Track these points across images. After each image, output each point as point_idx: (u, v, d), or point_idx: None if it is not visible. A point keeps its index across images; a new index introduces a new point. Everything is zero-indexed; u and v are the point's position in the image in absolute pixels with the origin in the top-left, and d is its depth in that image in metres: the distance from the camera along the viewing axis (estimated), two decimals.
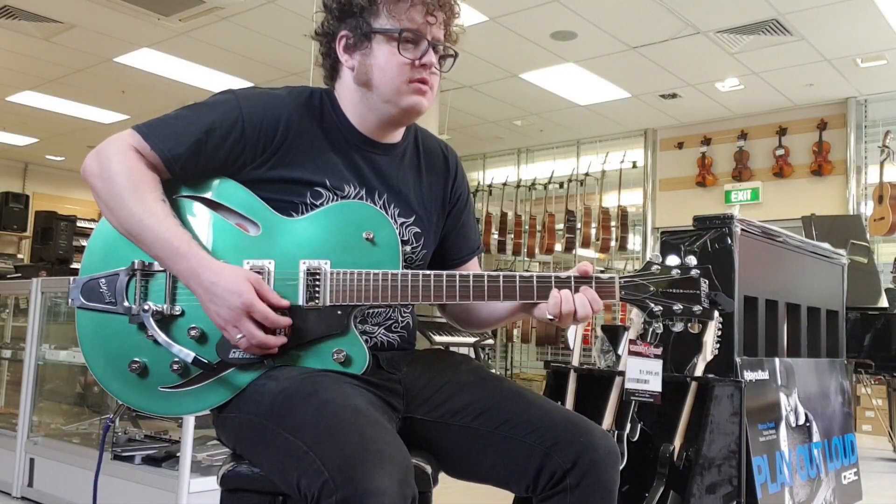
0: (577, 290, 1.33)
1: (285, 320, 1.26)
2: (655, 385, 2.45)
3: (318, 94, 1.43)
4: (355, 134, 1.42)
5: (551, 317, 1.32)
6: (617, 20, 6.01)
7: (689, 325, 1.40)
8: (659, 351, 2.47)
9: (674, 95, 7.76)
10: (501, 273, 1.34)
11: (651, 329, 2.57)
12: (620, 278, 1.35)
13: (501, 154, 10.31)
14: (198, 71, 7.38)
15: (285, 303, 1.26)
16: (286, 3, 5.82)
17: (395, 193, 1.45)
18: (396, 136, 1.48)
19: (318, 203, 1.36)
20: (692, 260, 1.35)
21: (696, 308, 1.33)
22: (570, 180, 9.04)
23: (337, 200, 1.37)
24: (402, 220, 1.45)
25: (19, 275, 5.74)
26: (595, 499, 1.27)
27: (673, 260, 1.35)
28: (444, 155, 1.58)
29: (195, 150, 1.30)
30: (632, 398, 2.48)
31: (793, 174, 7.95)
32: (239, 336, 1.23)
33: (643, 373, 2.47)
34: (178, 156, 1.29)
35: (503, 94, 7.91)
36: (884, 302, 4.68)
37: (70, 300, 1.29)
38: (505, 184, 9.63)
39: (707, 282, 1.33)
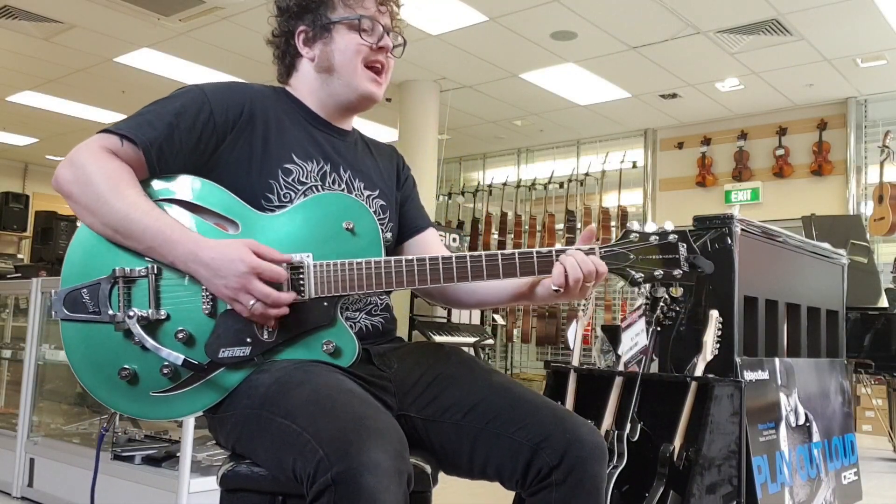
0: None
1: (286, 273, 1.27)
2: (643, 341, 2.53)
3: (277, 88, 1.52)
4: (314, 117, 1.50)
5: (556, 287, 1.33)
6: (617, 20, 6.01)
7: (671, 288, 1.42)
8: (640, 311, 2.55)
9: (674, 95, 7.76)
10: (484, 253, 1.34)
11: (645, 305, 2.61)
12: (601, 248, 1.36)
13: (501, 154, 10.31)
14: (198, 71, 7.38)
15: (285, 257, 1.27)
16: None
17: (357, 170, 1.51)
18: (349, 125, 1.57)
19: (289, 179, 1.39)
20: (669, 225, 1.37)
21: (676, 272, 1.35)
22: (570, 180, 9.04)
23: (306, 173, 1.41)
24: (368, 192, 1.51)
25: (19, 275, 5.74)
26: (581, 494, 1.28)
27: (651, 227, 1.37)
28: (388, 147, 1.69)
29: (168, 133, 1.31)
30: (629, 365, 2.55)
31: (793, 174, 7.95)
32: (252, 302, 1.23)
33: (633, 339, 2.55)
34: (153, 140, 1.30)
35: (503, 94, 7.91)
36: (884, 302, 4.68)
37: (53, 313, 1.28)
38: (505, 184, 9.63)
39: (685, 245, 1.35)
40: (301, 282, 1.29)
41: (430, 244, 1.62)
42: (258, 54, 6.90)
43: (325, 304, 1.30)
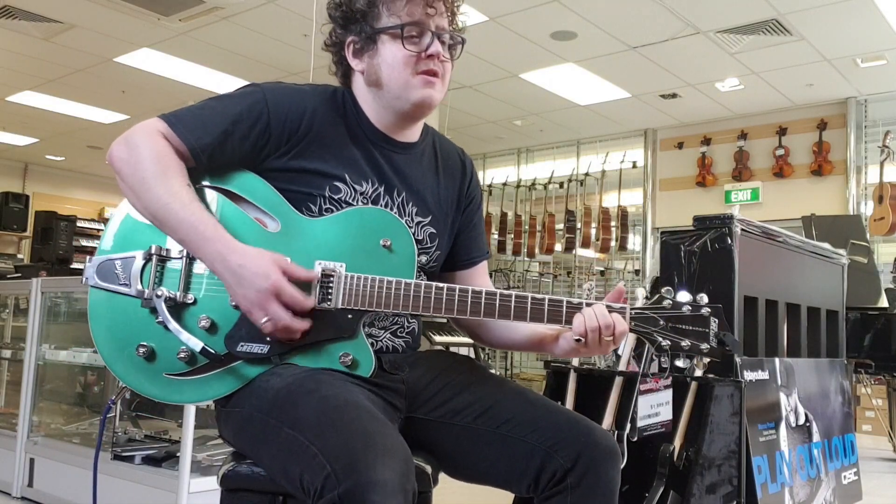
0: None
1: (311, 302, 1.26)
2: (666, 414, 2.46)
3: (341, 92, 1.46)
4: (374, 131, 1.44)
5: (578, 337, 1.32)
6: (617, 20, 6.01)
7: (695, 361, 1.42)
8: (668, 381, 2.47)
9: (674, 95, 7.76)
10: (514, 293, 1.33)
11: (648, 356, 2.57)
12: (632, 309, 1.35)
13: (501, 154, 10.31)
14: (198, 71, 7.38)
15: (313, 274, 1.27)
16: (286, 3, 5.82)
17: (413, 192, 1.46)
18: (414, 134, 1.49)
19: (336, 197, 1.36)
20: (703, 298, 1.36)
21: (704, 346, 1.33)
22: (570, 180, 9.04)
23: (355, 196, 1.38)
24: (419, 219, 1.46)
25: (19, 275, 5.75)
26: (596, 498, 1.28)
27: (684, 296, 1.36)
28: (461, 159, 1.60)
29: (221, 140, 1.31)
30: (644, 434, 2.47)
31: (793, 174, 7.95)
32: (265, 319, 1.23)
33: (654, 407, 2.47)
34: (206, 145, 1.30)
35: (503, 94, 7.91)
36: (884, 302, 4.68)
37: (84, 278, 1.29)
38: (505, 184, 9.63)
39: (717, 321, 1.34)
40: (330, 290, 1.29)
41: (476, 280, 1.58)
42: (258, 54, 6.91)
43: (350, 316, 1.30)
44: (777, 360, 2.92)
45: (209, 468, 2.61)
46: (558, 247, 8.75)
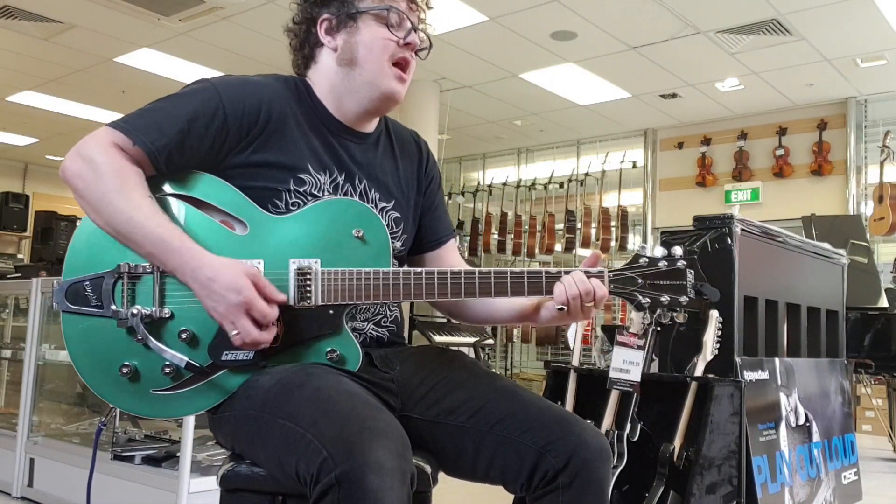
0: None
1: (276, 312, 1.24)
2: (635, 375, 2.49)
3: (293, 80, 1.45)
4: (332, 120, 1.43)
5: (560, 306, 1.32)
6: (617, 20, 6.01)
7: (675, 314, 1.42)
8: (641, 342, 2.51)
9: (674, 95, 7.76)
10: (493, 270, 1.33)
11: (650, 330, 2.58)
12: (610, 272, 1.36)
13: (501, 154, 10.31)
14: (198, 71, 7.37)
15: (283, 297, 1.25)
16: (286, 3, 5.72)
17: (374, 179, 1.46)
18: (371, 125, 1.49)
19: (301, 190, 1.35)
20: (678, 251, 1.37)
21: (683, 298, 1.35)
22: (570, 180, 9.04)
23: (319, 185, 1.37)
24: (383, 204, 1.47)
25: (19, 275, 5.74)
26: (587, 497, 1.28)
27: (660, 251, 1.37)
28: (416, 141, 1.61)
29: (179, 140, 1.28)
30: (614, 387, 2.51)
31: (793, 174, 7.94)
32: (234, 332, 1.21)
33: (626, 363, 2.51)
34: (163, 147, 1.26)
35: (503, 94, 7.90)
36: (884, 302, 4.68)
37: (55, 304, 1.26)
38: (505, 184, 9.63)
39: (693, 272, 1.36)
40: (308, 288, 1.27)
41: (447, 258, 1.59)
42: (258, 54, 6.91)
43: (332, 311, 1.28)
44: (777, 360, 2.92)
45: (209, 468, 2.61)
46: (558, 247, 8.75)
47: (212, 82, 1.35)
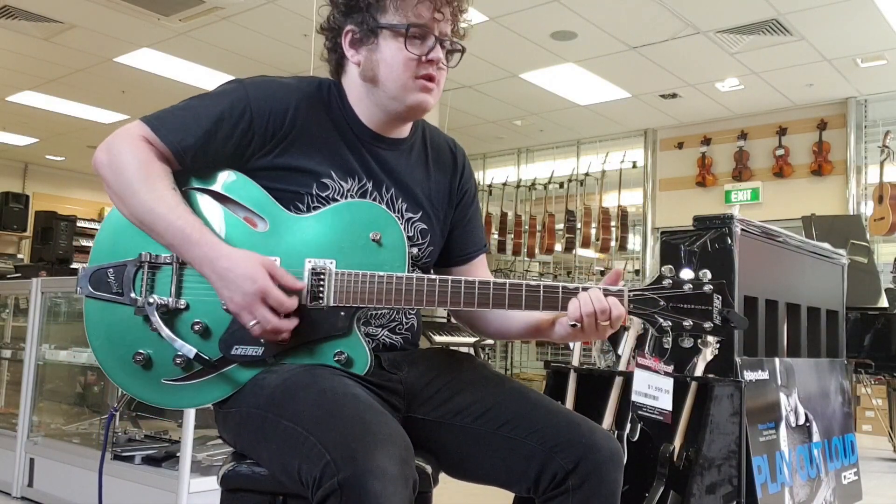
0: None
1: (294, 302, 1.25)
2: (665, 403, 2.37)
3: (327, 85, 1.43)
4: (362, 128, 1.41)
5: (573, 322, 1.29)
6: (617, 20, 6.01)
7: (700, 341, 1.36)
8: (670, 368, 2.40)
9: (674, 95, 7.76)
10: (508, 282, 1.30)
11: (650, 334, 2.56)
12: (630, 291, 1.30)
13: (501, 154, 10.31)
14: (198, 71, 7.38)
15: (301, 284, 1.26)
16: (286, 3, 5.82)
17: (403, 188, 1.44)
18: (404, 131, 1.47)
19: (323, 195, 1.35)
20: (707, 274, 1.30)
21: (707, 324, 1.28)
22: (570, 180, 9.04)
23: (343, 192, 1.36)
24: (410, 215, 1.44)
25: (19, 275, 5.74)
26: (598, 500, 1.27)
27: (686, 274, 1.29)
28: (452, 151, 1.57)
29: (205, 141, 1.30)
30: (639, 413, 2.40)
31: (793, 174, 7.94)
32: (253, 322, 1.22)
33: (651, 388, 2.41)
34: (189, 147, 1.29)
35: (503, 94, 7.90)
36: (884, 302, 4.68)
37: (78, 288, 1.29)
38: (505, 184, 9.63)
39: (720, 297, 1.28)
40: (321, 288, 1.28)
41: (474, 274, 1.52)
42: (258, 54, 6.91)
43: (342, 313, 1.28)
44: (777, 360, 2.92)
45: (209, 468, 2.61)
46: (558, 247, 8.75)
47: (243, 83, 1.36)
